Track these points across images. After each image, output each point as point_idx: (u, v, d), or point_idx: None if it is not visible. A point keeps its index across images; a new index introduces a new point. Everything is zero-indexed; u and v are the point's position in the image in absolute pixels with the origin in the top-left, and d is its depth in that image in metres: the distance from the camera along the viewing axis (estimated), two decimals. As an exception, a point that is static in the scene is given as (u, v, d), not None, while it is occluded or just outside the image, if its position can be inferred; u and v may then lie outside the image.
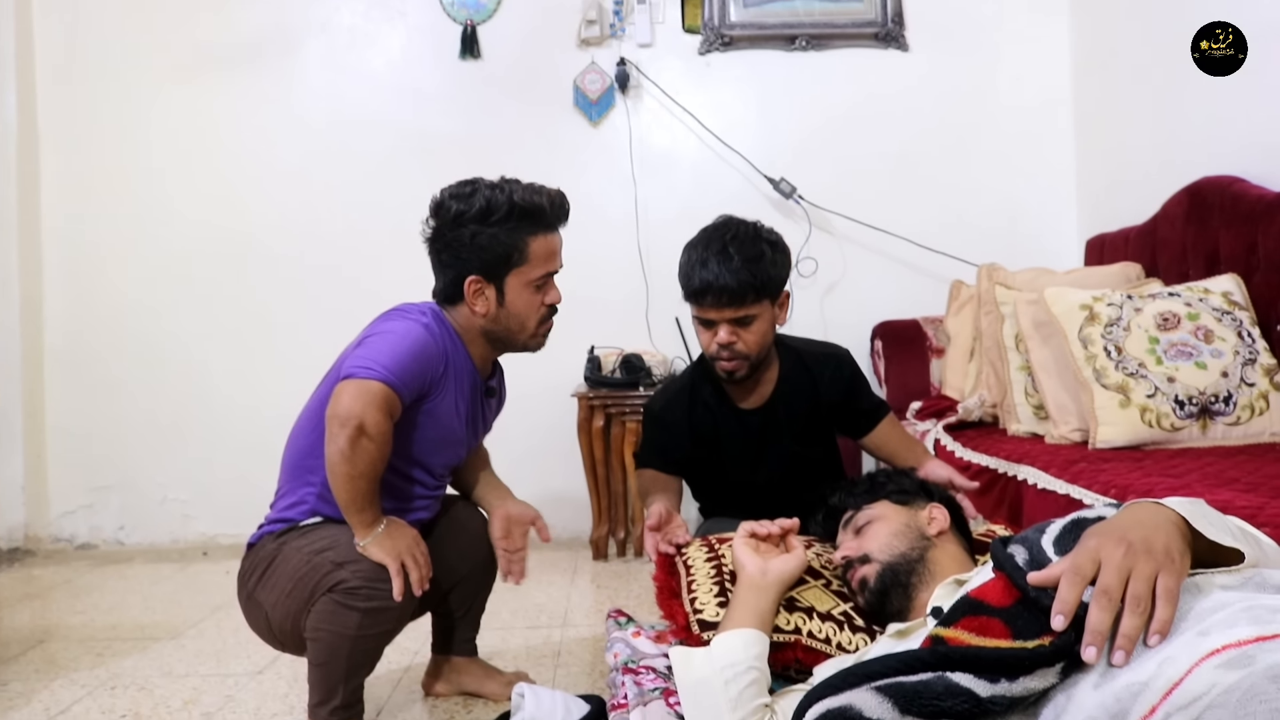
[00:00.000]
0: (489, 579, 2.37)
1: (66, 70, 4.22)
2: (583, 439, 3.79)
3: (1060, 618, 1.07)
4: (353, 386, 1.84)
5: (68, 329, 4.25)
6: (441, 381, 2.00)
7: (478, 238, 2.00)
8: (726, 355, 2.24)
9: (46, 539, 4.24)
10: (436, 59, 4.23)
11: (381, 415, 1.84)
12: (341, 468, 1.84)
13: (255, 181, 4.24)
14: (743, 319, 2.21)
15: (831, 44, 4.24)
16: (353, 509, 1.89)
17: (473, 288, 2.03)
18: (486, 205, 1.99)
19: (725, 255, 2.17)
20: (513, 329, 2.09)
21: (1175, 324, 2.57)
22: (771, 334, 2.30)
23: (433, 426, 2.03)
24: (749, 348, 2.23)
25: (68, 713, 2.33)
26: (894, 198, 4.22)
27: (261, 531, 2.05)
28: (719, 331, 2.22)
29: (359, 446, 1.82)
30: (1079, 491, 2.15)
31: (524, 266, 2.04)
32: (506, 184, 2.03)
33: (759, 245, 2.21)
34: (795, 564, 1.74)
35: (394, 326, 1.98)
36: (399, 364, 1.88)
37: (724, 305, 2.19)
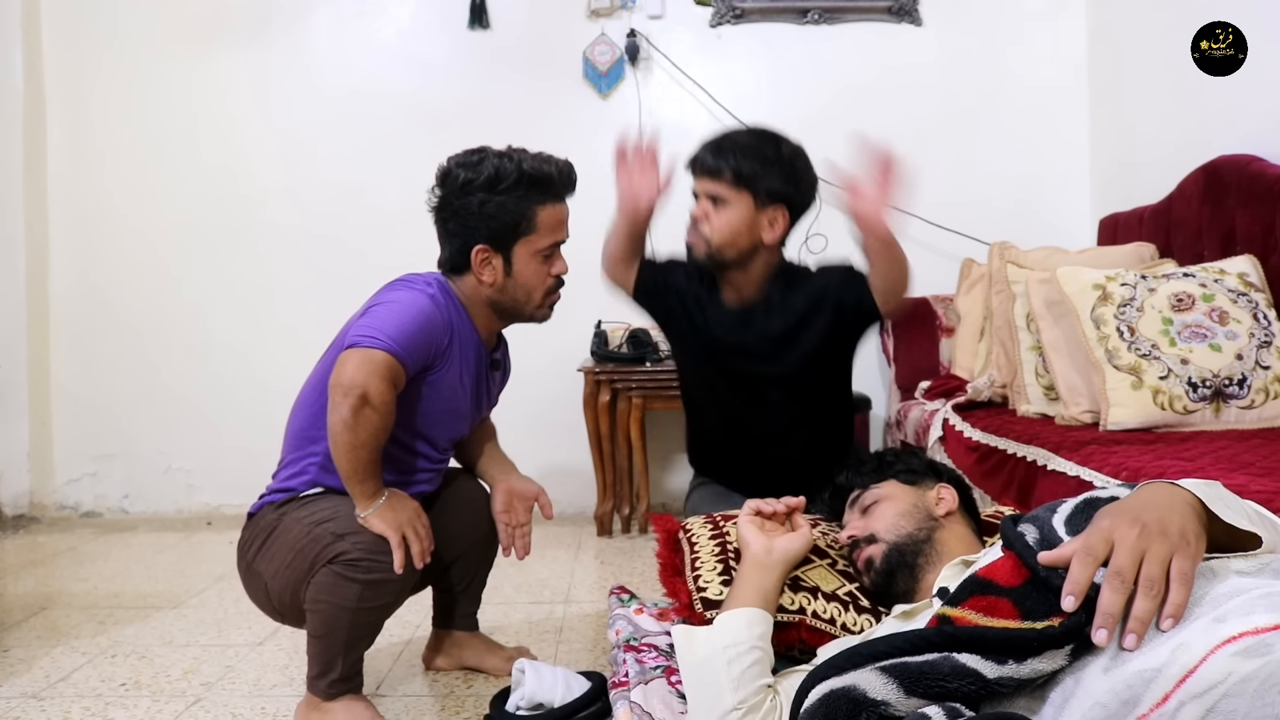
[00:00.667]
0: (491, 554, 2.35)
1: (73, 37, 4.20)
2: (588, 414, 3.77)
3: (1071, 598, 1.05)
4: (356, 355, 1.82)
5: (73, 297, 4.24)
6: (446, 353, 1.98)
7: (485, 206, 1.98)
8: (693, 229, 2.30)
9: (51, 506, 4.24)
10: (445, 28, 4.19)
11: (385, 385, 1.82)
12: (344, 437, 1.82)
13: (262, 151, 4.22)
14: (715, 198, 2.25)
15: (844, 17, 4.19)
16: (354, 479, 1.87)
17: (480, 257, 2.01)
18: (495, 173, 1.96)
19: (726, 137, 2.29)
20: (519, 299, 2.07)
21: (1190, 305, 2.53)
22: (745, 238, 2.27)
23: (436, 399, 2.01)
24: (713, 233, 2.26)
25: (68, 680, 2.33)
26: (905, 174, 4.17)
27: (262, 501, 2.03)
28: (697, 206, 2.30)
29: (362, 416, 1.80)
30: (1089, 473, 2.12)
31: (532, 236, 2.02)
32: (515, 153, 2.01)
33: (766, 145, 2.28)
34: (801, 543, 1.72)
35: (399, 296, 1.95)
36: (404, 334, 1.85)
37: (700, 174, 2.28)
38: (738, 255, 2.29)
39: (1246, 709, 0.86)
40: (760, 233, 2.28)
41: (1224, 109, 3.15)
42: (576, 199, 2.13)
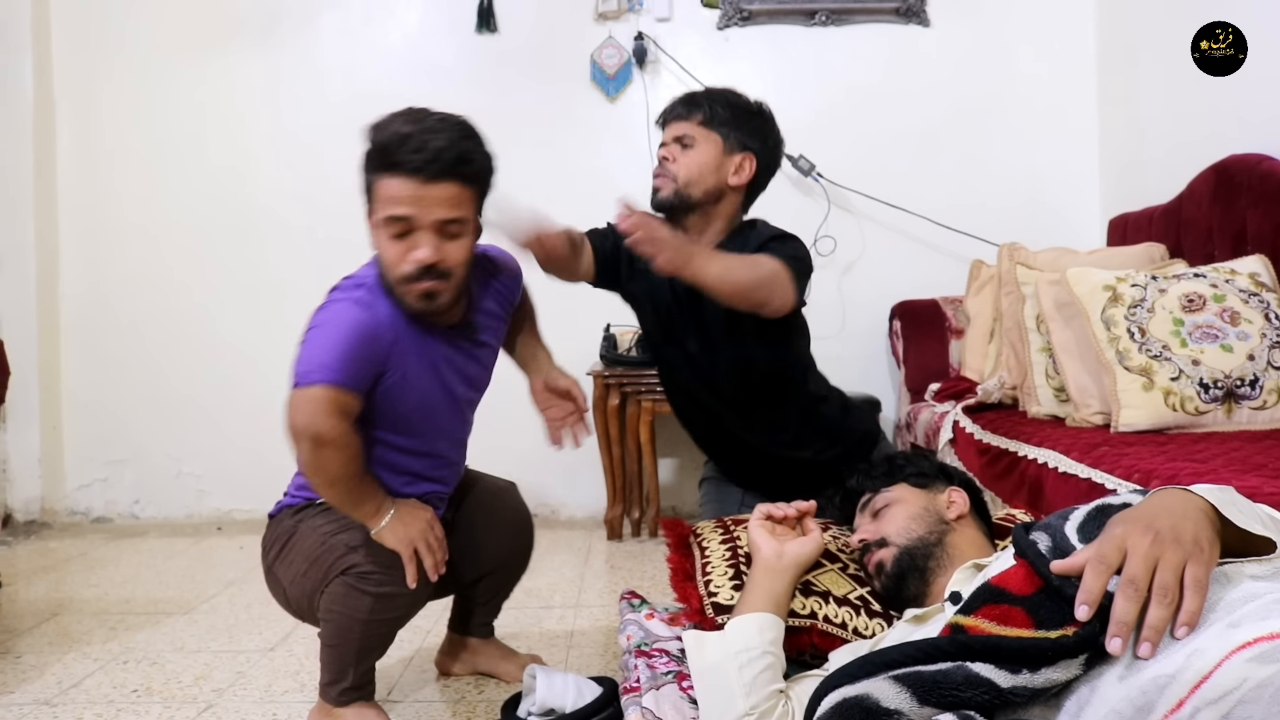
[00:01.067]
0: (519, 572, 2.35)
1: (82, 42, 4.21)
2: (598, 417, 3.77)
3: (1084, 608, 1.04)
4: (297, 398, 1.75)
5: (83, 302, 4.25)
6: (392, 351, 1.86)
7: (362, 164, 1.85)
8: (659, 172, 2.24)
9: (62, 512, 4.25)
10: (452, 32, 4.20)
11: (332, 420, 1.73)
12: (315, 479, 1.80)
13: (270, 154, 4.23)
14: (683, 139, 2.22)
15: (851, 19, 4.19)
16: (348, 507, 1.84)
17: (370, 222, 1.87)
18: (373, 125, 1.81)
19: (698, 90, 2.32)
20: (387, 278, 1.86)
21: (1201, 305, 2.53)
22: (711, 178, 2.21)
23: (405, 399, 1.91)
24: (679, 169, 2.21)
25: (80, 686, 2.33)
26: (914, 176, 4.17)
27: (281, 504, 2.04)
28: (663, 150, 2.25)
29: (322, 456, 1.75)
30: (1101, 476, 2.11)
31: (373, 204, 1.83)
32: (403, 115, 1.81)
33: (736, 96, 2.28)
34: (812, 547, 1.72)
35: (325, 317, 1.85)
36: (338, 358, 1.76)
37: (671, 120, 2.26)
38: (703, 195, 2.22)
39: (1263, 714, 0.85)
40: (727, 175, 2.23)
41: (1234, 108, 3.14)
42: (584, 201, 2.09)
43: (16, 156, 4.09)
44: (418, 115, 1.80)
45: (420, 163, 1.75)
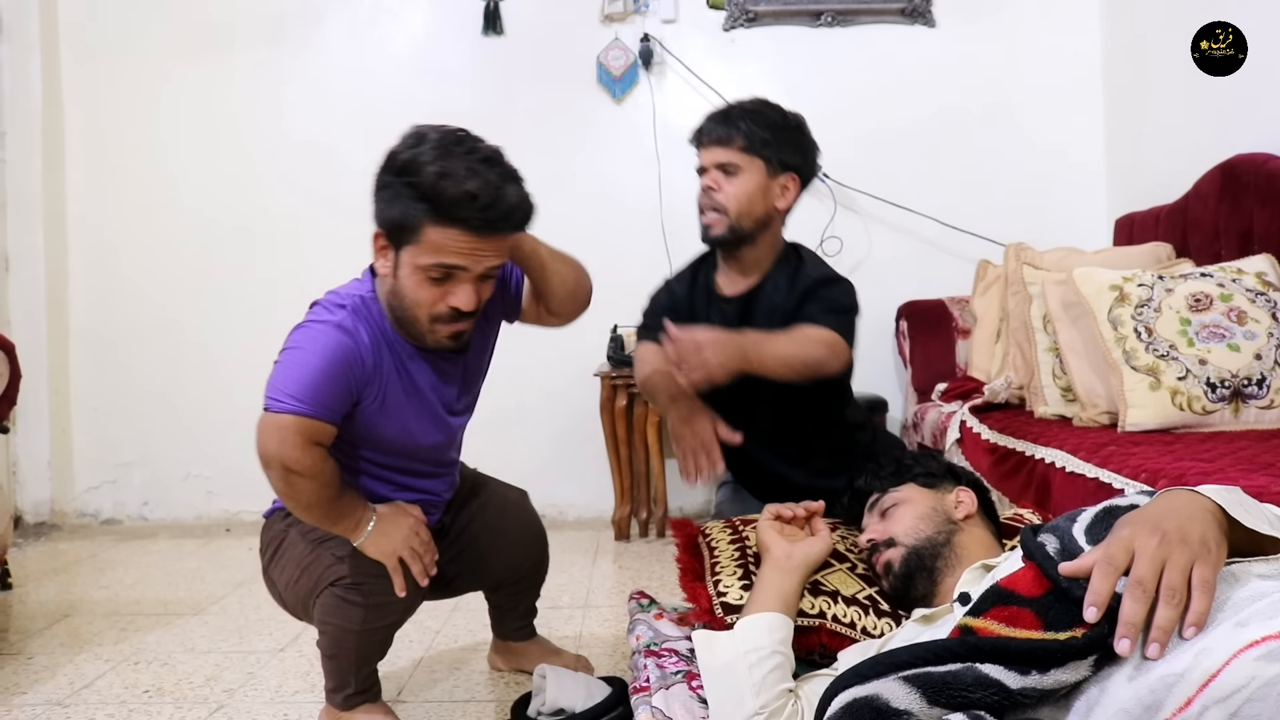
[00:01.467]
0: (539, 579, 2.36)
1: (90, 48, 4.23)
2: (605, 418, 3.78)
3: (1093, 609, 1.04)
4: (267, 424, 1.73)
5: (92, 307, 4.27)
6: (375, 379, 1.82)
7: (385, 190, 1.73)
8: (706, 204, 2.21)
9: (72, 514, 4.27)
10: (459, 35, 4.21)
11: (301, 451, 1.71)
12: (289, 504, 1.79)
13: (278, 159, 4.24)
14: (727, 166, 2.18)
15: (857, 19, 4.19)
16: (326, 526, 1.83)
17: (378, 243, 1.80)
18: (410, 161, 1.69)
19: (729, 106, 2.22)
20: (408, 312, 1.79)
21: (1207, 305, 2.53)
22: (760, 205, 2.20)
23: (388, 421, 1.87)
24: (728, 201, 2.18)
25: (91, 687, 2.35)
26: (920, 176, 4.18)
27: (275, 504, 2.02)
28: (705, 178, 2.22)
29: (293, 483, 1.73)
30: (1108, 475, 2.12)
31: (415, 247, 1.72)
32: (454, 153, 1.69)
33: (772, 111, 2.22)
34: (821, 547, 1.72)
35: (302, 339, 1.79)
36: (309, 387, 1.72)
37: (711, 144, 2.19)
38: (754, 225, 2.21)
39: (1271, 713, 0.86)
40: (774, 201, 2.22)
41: (1240, 107, 3.14)
42: (591, 202, 2.08)
43: (26, 162, 4.11)
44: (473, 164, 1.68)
45: (484, 221, 1.69)
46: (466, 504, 2.19)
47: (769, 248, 2.28)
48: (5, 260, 4.09)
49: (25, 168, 4.11)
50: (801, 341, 2.04)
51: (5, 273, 4.10)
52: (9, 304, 4.11)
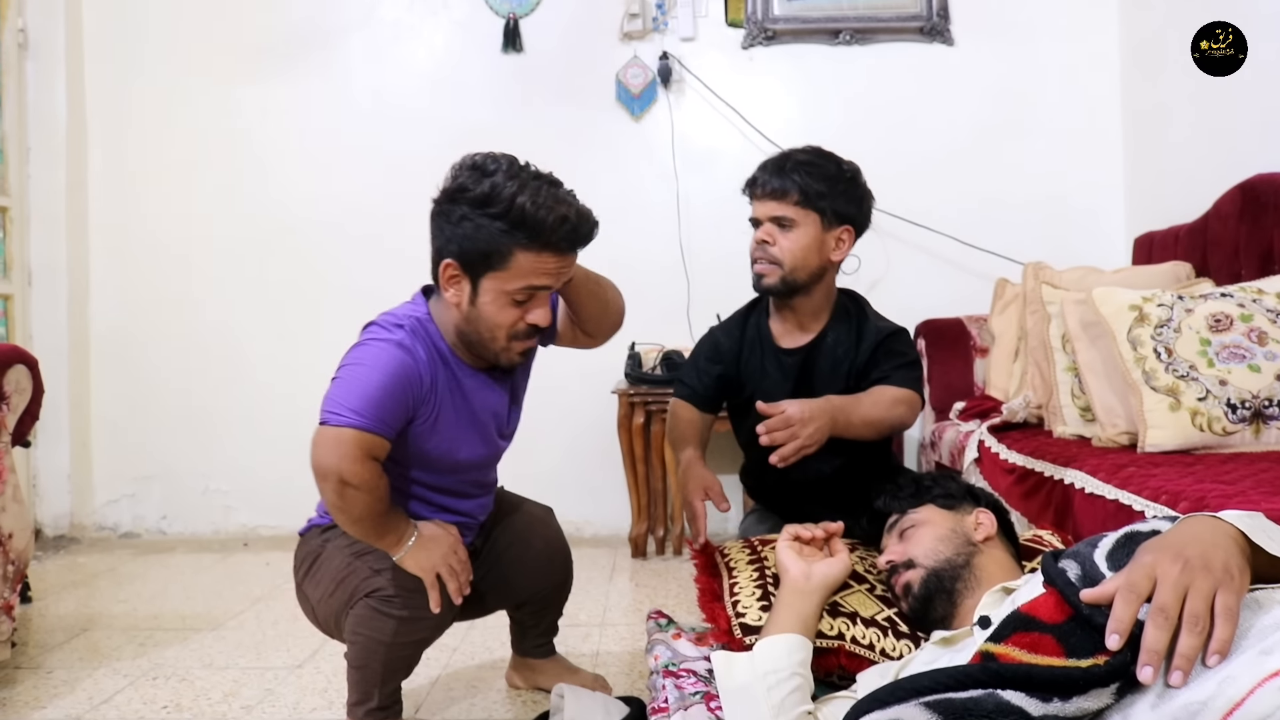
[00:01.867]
0: (563, 595, 2.36)
1: (114, 65, 4.27)
2: (623, 436, 3.78)
3: (1115, 637, 1.04)
4: (325, 437, 1.75)
5: (113, 321, 4.30)
6: (431, 399, 1.86)
7: (465, 222, 1.77)
8: (761, 256, 2.23)
9: (91, 527, 4.29)
10: (479, 52, 4.23)
11: (358, 464, 1.73)
12: (339, 517, 1.80)
13: (297, 174, 4.27)
14: (782, 220, 2.20)
15: (875, 38, 4.20)
16: (371, 540, 1.84)
17: (447, 273, 1.82)
18: (489, 193, 1.75)
19: (785, 157, 2.23)
20: (484, 336, 1.85)
21: (1228, 325, 2.51)
22: (815, 258, 2.23)
23: (438, 440, 1.91)
24: (783, 255, 2.21)
25: (110, 702, 2.36)
26: (938, 194, 4.17)
27: (310, 523, 2.05)
28: (760, 230, 2.23)
29: (346, 496, 1.74)
30: (1128, 497, 2.10)
31: (502, 273, 1.78)
32: (529, 180, 1.77)
33: (827, 162, 2.23)
34: (839, 568, 1.72)
35: (363, 355, 1.83)
36: (370, 402, 1.75)
37: (766, 196, 2.21)
38: (808, 277, 2.25)
39: (1296, 744, 0.86)
40: (829, 254, 2.26)
41: (1260, 126, 3.13)
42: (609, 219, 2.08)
43: (49, 177, 4.14)
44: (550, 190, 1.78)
45: (570, 243, 1.80)
46: (496, 523, 2.21)
47: (824, 298, 2.33)
48: (28, 274, 4.13)
49: (49, 183, 4.14)
50: (885, 404, 2.17)
51: (28, 287, 4.13)
52: (31, 318, 4.13)
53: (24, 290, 4.11)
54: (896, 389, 2.20)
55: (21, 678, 2.53)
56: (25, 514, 2.48)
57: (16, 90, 4.08)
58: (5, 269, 4.04)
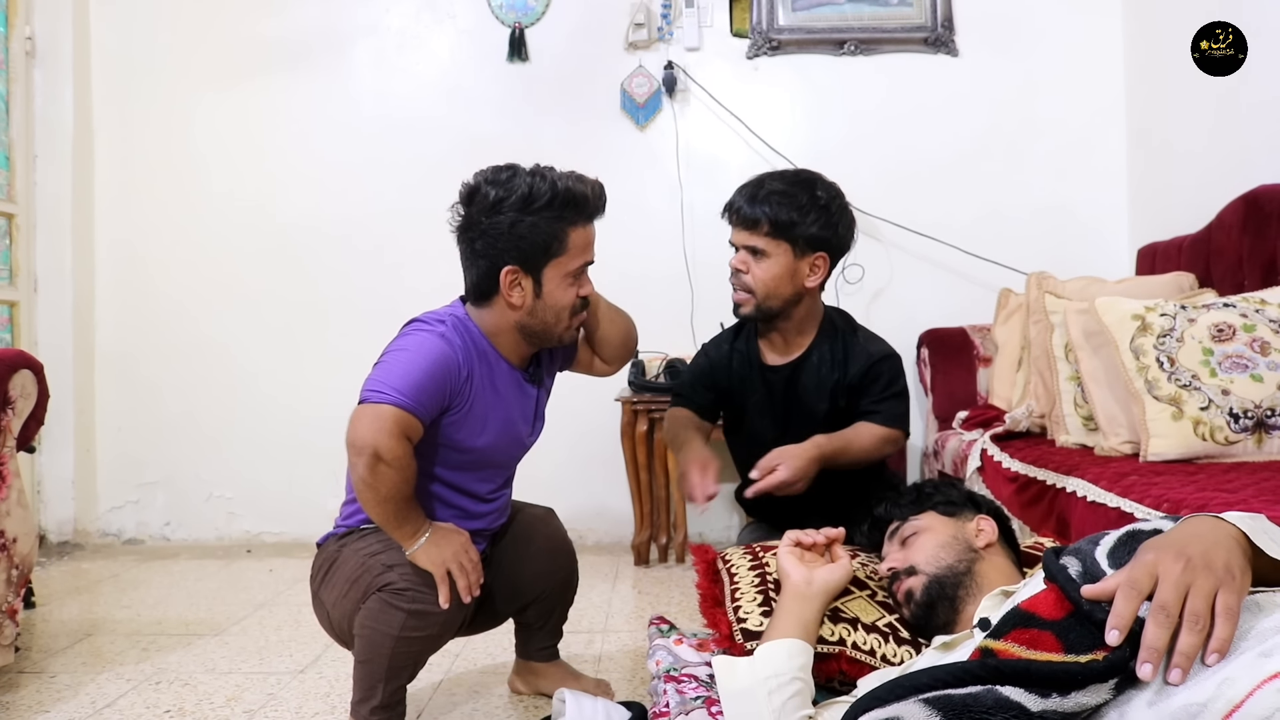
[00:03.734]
0: (569, 596, 2.39)
1: (121, 75, 4.30)
2: (625, 444, 3.79)
3: (1115, 633, 1.04)
4: (366, 413, 1.81)
5: (118, 329, 4.32)
6: (466, 390, 1.95)
7: (517, 226, 1.89)
8: (737, 284, 2.28)
9: (94, 533, 4.30)
10: (484, 62, 4.25)
11: (395, 441, 1.80)
12: (365, 494, 1.84)
13: (303, 183, 4.29)
14: (754, 249, 2.23)
15: (880, 49, 4.22)
16: (390, 527, 1.89)
17: (509, 278, 1.93)
18: (529, 192, 1.88)
19: (759, 184, 2.25)
20: (549, 322, 2.00)
21: (1230, 335, 2.52)
22: (787, 286, 2.26)
23: (468, 435, 1.99)
24: (755, 284, 2.25)
25: (113, 706, 2.36)
26: (942, 204, 4.18)
27: (328, 534, 2.09)
28: (735, 257, 2.28)
29: (378, 473, 1.80)
30: (1130, 505, 2.10)
31: (563, 257, 1.95)
32: (545, 171, 1.94)
33: (801, 192, 2.24)
34: (841, 574, 1.72)
35: (407, 343, 1.93)
36: (412, 383, 1.83)
37: (737, 225, 2.26)
38: (782, 305, 2.29)
39: (1293, 744, 0.86)
40: (802, 281, 2.28)
41: (1264, 138, 3.13)
42: (614, 228, 2.14)
43: (56, 186, 4.17)
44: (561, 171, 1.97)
45: (601, 208, 2.02)
46: (503, 528, 2.25)
47: (807, 317, 2.36)
48: (34, 281, 4.14)
49: (55, 192, 4.17)
50: (873, 444, 2.30)
51: (33, 293, 4.14)
52: (36, 324, 4.15)
53: (30, 297, 4.13)
54: (885, 430, 2.32)
55: (25, 682, 2.53)
56: (29, 519, 2.49)
57: (23, 98, 4.10)
58: (11, 276, 4.05)
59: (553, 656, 2.40)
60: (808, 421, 2.33)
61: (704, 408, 2.47)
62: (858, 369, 2.34)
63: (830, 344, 2.37)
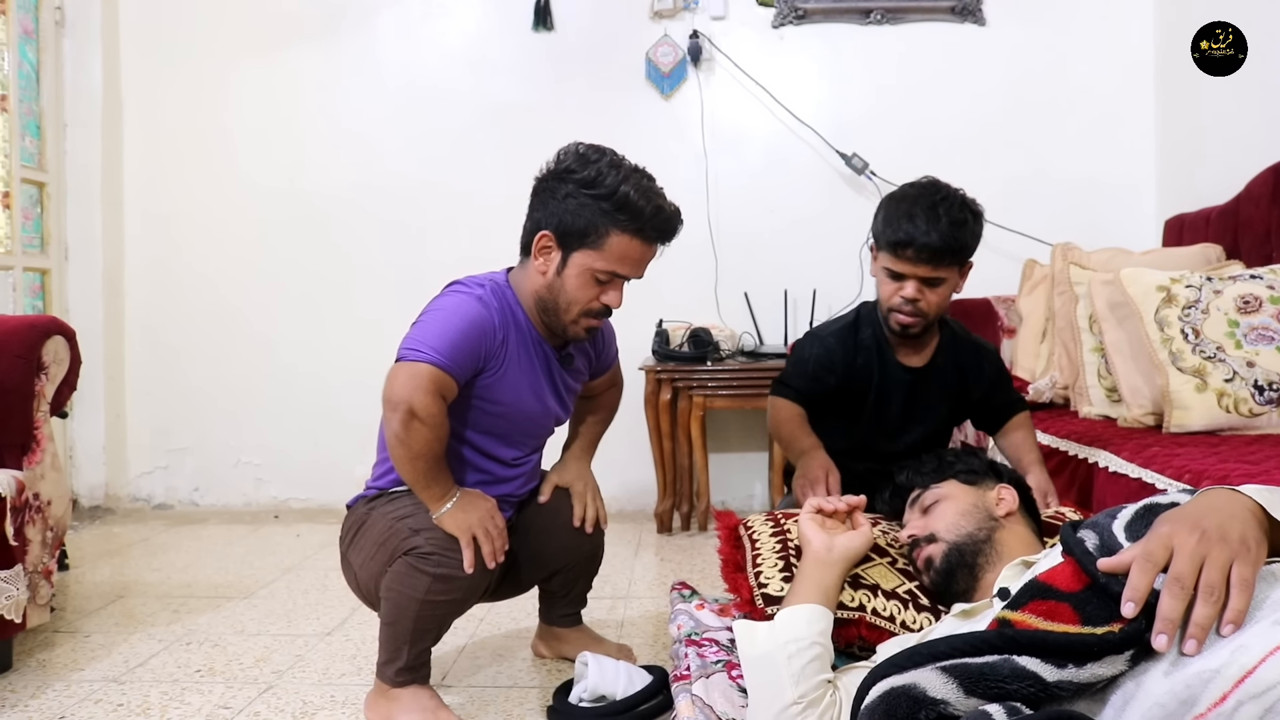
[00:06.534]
0: (593, 568, 2.41)
1: (149, 43, 4.32)
2: (649, 412, 3.81)
3: (1131, 605, 1.06)
4: (402, 370, 1.86)
5: (148, 296, 4.37)
6: (500, 354, 1.99)
7: (569, 199, 1.93)
8: (908, 310, 2.24)
9: (125, 498, 4.36)
10: (509, 30, 4.25)
11: (430, 398, 1.84)
12: (398, 450, 1.88)
13: (330, 151, 4.31)
14: (933, 280, 2.22)
15: (907, 17, 4.19)
16: (419, 486, 1.93)
17: (541, 242, 1.97)
18: (595, 176, 1.92)
19: (934, 214, 2.19)
20: (560, 305, 2.00)
21: (1256, 307, 2.51)
22: (948, 301, 2.30)
23: (498, 401, 2.03)
24: (930, 308, 2.24)
25: (146, 665, 2.41)
26: (968, 174, 4.08)
27: (357, 496, 2.13)
28: (907, 286, 2.23)
29: (412, 429, 1.84)
30: (1151, 476, 2.11)
31: (594, 251, 1.95)
32: (629, 173, 1.96)
33: (965, 212, 2.24)
34: (861, 541, 1.73)
35: (445, 303, 1.98)
36: (448, 343, 1.88)
37: (921, 262, 2.20)
38: (938, 319, 2.34)
39: (1304, 710, 0.87)
40: (956, 292, 2.33)
41: (1294, 109, 3.11)
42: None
43: (86, 153, 4.21)
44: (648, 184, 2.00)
45: (660, 234, 2.02)
46: (528, 499, 2.28)
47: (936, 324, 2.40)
48: (64, 249, 4.19)
49: (85, 160, 4.21)
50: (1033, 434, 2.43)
51: (64, 261, 4.19)
52: (67, 292, 4.20)
53: (61, 265, 4.17)
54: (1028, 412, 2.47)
55: (60, 640, 2.59)
56: (63, 482, 2.53)
57: (54, 68, 4.14)
58: (43, 244, 4.10)
59: (576, 622, 2.44)
60: (930, 416, 2.40)
61: (814, 398, 2.44)
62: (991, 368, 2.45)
63: (951, 346, 2.42)
